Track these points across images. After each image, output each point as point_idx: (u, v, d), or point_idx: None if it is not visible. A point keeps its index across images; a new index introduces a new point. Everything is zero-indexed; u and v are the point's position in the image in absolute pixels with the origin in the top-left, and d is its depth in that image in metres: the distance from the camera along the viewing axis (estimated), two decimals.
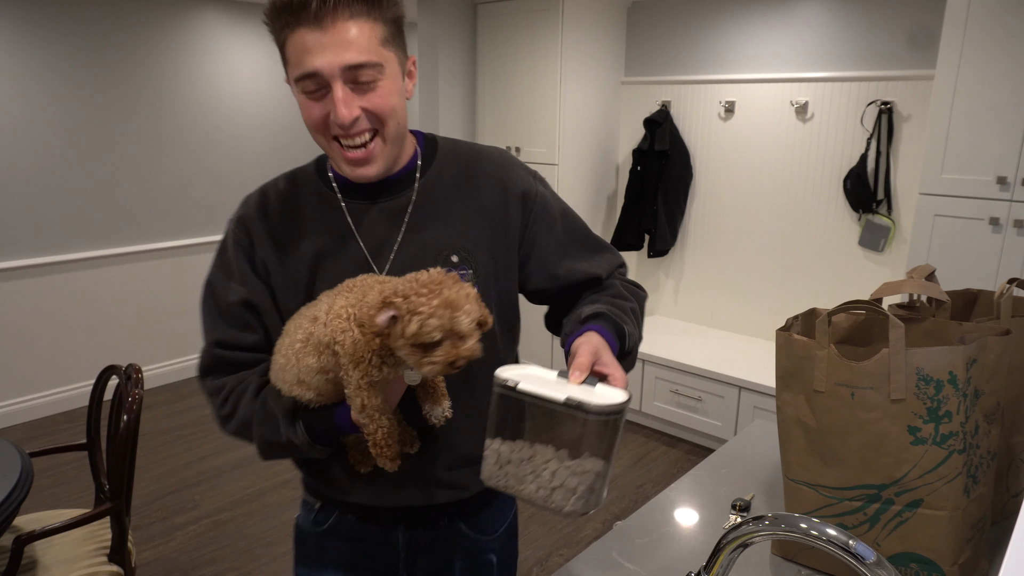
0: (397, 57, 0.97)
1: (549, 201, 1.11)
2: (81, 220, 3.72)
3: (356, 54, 0.90)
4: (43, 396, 3.72)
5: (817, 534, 0.70)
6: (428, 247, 1.03)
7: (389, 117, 0.96)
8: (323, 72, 0.91)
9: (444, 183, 1.06)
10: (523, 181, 1.09)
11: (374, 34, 0.92)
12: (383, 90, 0.94)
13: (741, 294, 3.75)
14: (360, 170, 0.98)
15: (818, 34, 3.26)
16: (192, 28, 4.01)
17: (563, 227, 1.12)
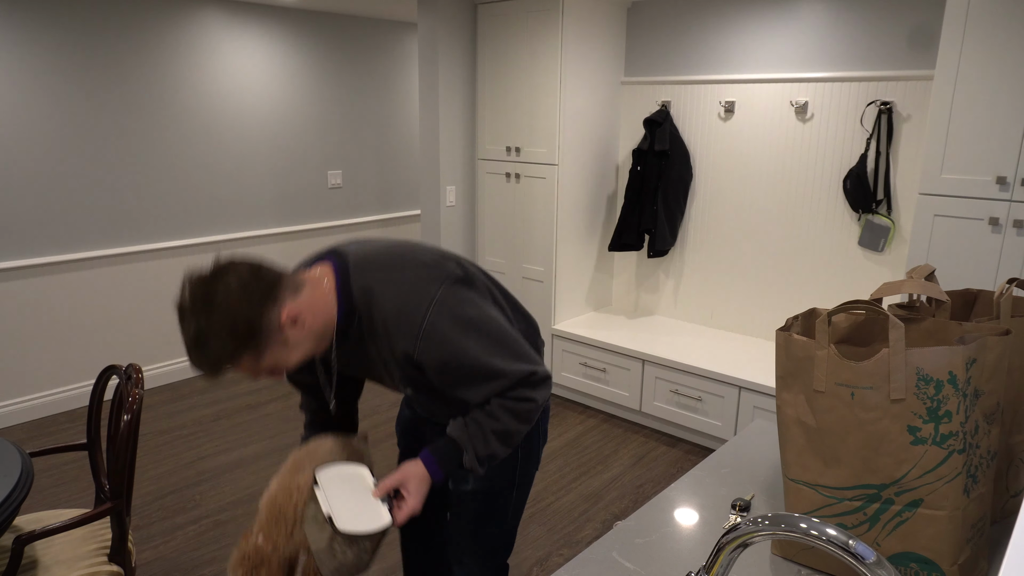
0: (272, 348, 1.24)
1: (428, 355, 1.33)
2: (81, 220, 3.72)
3: (248, 374, 1.26)
4: (43, 396, 3.72)
5: (817, 534, 0.70)
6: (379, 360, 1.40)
7: (296, 366, 1.31)
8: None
9: (360, 341, 1.39)
10: (405, 343, 1.33)
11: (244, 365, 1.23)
12: (281, 363, 1.27)
13: (741, 294, 3.75)
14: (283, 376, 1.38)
15: (818, 34, 3.26)
16: (192, 28, 4.01)
17: (442, 373, 1.35)
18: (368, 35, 4.90)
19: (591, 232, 4.04)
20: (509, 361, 1.35)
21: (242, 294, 1.17)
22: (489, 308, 1.38)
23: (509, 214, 3.99)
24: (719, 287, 3.83)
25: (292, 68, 4.52)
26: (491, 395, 1.36)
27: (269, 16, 4.35)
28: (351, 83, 4.87)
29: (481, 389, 1.35)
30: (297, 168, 4.66)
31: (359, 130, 4.99)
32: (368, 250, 1.38)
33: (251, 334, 1.18)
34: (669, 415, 3.54)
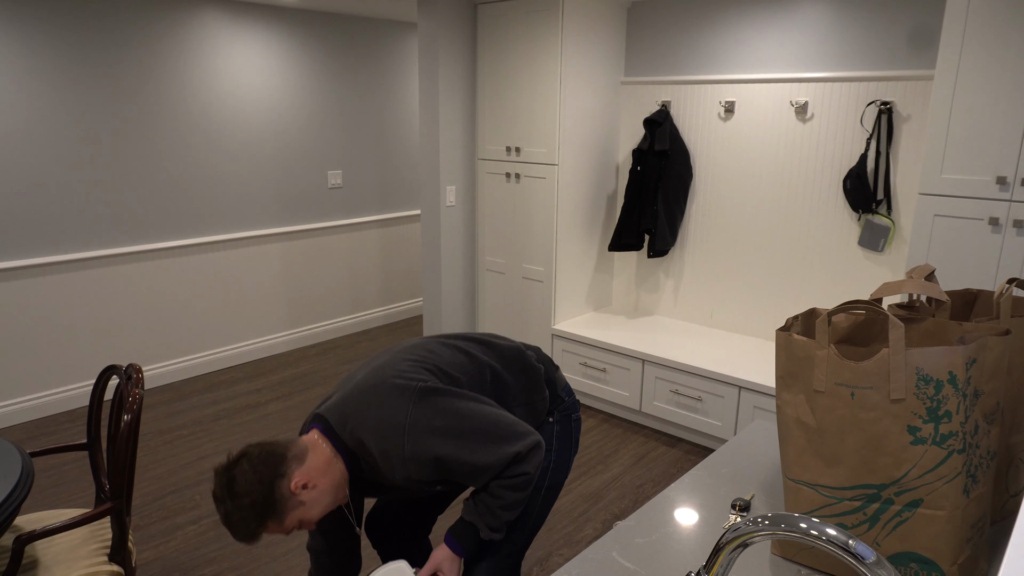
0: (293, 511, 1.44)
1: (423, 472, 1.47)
2: (81, 220, 3.72)
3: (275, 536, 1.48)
4: (43, 396, 3.72)
5: (817, 534, 0.70)
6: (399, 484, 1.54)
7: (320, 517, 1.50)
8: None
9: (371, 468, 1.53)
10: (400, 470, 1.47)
11: (273, 529, 1.43)
12: (306, 520, 1.46)
13: (741, 294, 3.75)
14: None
15: (818, 34, 3.26)
16: (192, 28, 4.01)
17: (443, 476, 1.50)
18: (368, 35, 4.90)
19: (591, 232, 4.05)
20: (492, 451, 1.46)
21: (254, 476, 1.40)
22: (465, 404, 1.49)
23: (509, 214, 3.99)
24: (719, 287, 3.83)
25: (292, 68, 4.52)
26: (489, 480, 1.49)
27: (269, 16, 4.35)
28: (351, 83, 4.87)
29: (477, 480, 1.49)
30: (297, 168, 4.67)
31: (359, 130, 4.99)
32: (343, 398, 1.53)
33: (268, 507, 1.40)
34: (669, 415, 3.54)
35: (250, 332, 4.59)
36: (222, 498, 1.40)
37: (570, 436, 1.70)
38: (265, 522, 1.41)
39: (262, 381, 4.27)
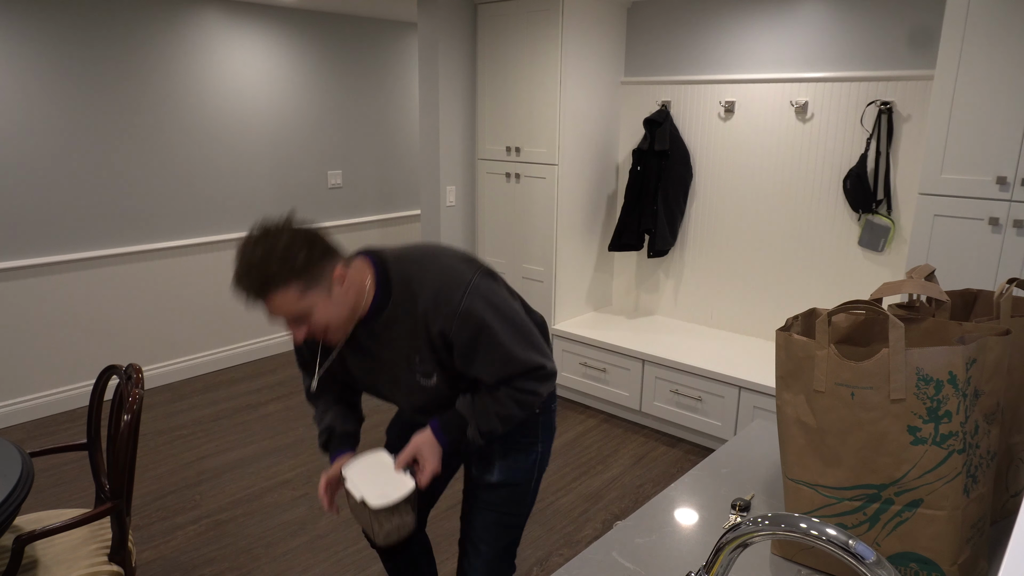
0: (316, 292, 1.36)
1: (462, 332, 1.45)
2: (81, 220, 3.72)
3: (283, 314, 1.35)
4: (43, 396, 3.72)
5: (817, 534, 0.70)
6: (395, 354, 1.51)
7: (324, 328, 1.40)
8: (275, 320, 1.39)
9: (391, 323, 1.49)
10: (440, 321, 1.45)
11: (288, 296, 1.33)
12: (316, 317, 1.38)
13: (741, 294, 3.75)
14: (327, 343, 1.48)
15: (818, 34, 3.26)
16: (192, 28, 4.01)
17: (470, 348, 1.47)
18: (368, 35, 4.90)
19: (591, 232, 4.04)
20: (526, 350, 1.49)
21: (307, 237, 1.34)
22: (512, 301, 1.54)
23: (509, 214, 3.99)
24: (719, 287, 3.83)
25: (292, 68, 4.52)
26: (504, 378, 1.49)
27: (269, 16, 4.35)
28: (351, 83, 4.87)
29: (497, 371, 1.48)
30: (297, 168, 4.67)
31: (359, 130, 4.99)
32: (401, 248, 1.55)
33: (305, 268, 1.32)
34: (669, 415, 3.54)
35: (250, 332, 4.59)
36: (261, 239, 1.31)
37: (553, 426, 1.74)
38: (291, 280, 1.31)
39: (262, 381, 4.27)
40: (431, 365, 1.51)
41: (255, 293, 1.31)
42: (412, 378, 1.53)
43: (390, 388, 1.59)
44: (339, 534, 2.75)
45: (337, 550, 2.64)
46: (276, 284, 1.31)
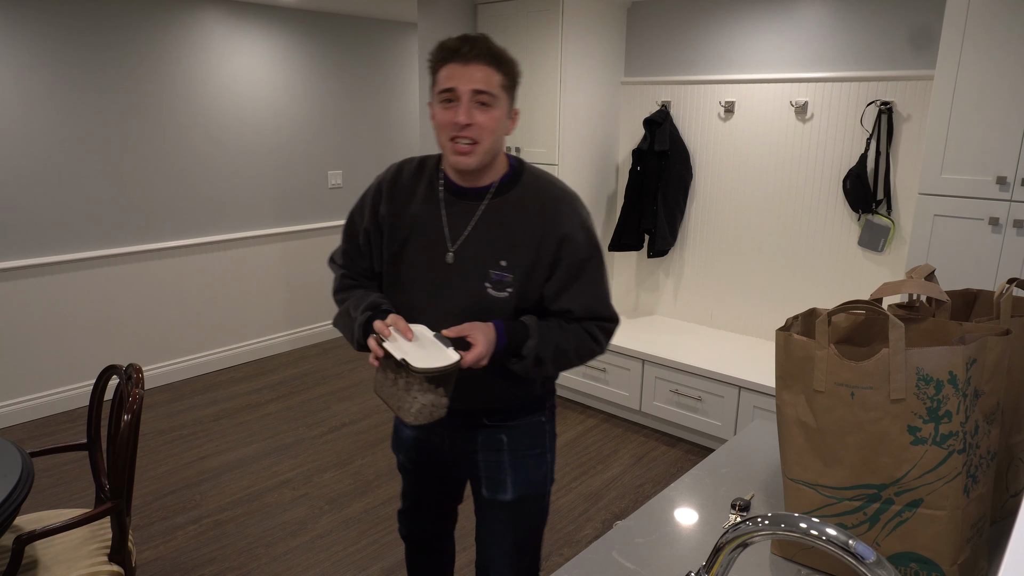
0: (506, 101, 1.40)
1: (579, 249, 1.43)
2: (81, 220, 3.72)
3: (481, 84, 1.35)
4: (43, 396, 3.72)
5: (817, 534, 0.70)
6: (486, 247, 1.43)
7: (487, 134, 1.37)
8: (458, 88, 1.35)
9: (511, 207, 1.44)
10: (568, 227, 1.42)
11: (493, 78, 1.36)
12: (491, 115, 1.37)
13: (741, 294, 3.75)
14: (462, 159, 1.38)
15: (818, 34, 3.26)
16: (193, 28, 4.01)
17: (577, 271, 1.44)
18: (368, 35, 4.90)
19: None
20: (607, 294, 1.51)
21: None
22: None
23: None
24: (719, 287, 3.83)
25: (292, 68, 4.52)
26: (587, 315, 1.46)
27: (269, 16, 4.35)
28: (351, 83, 4.87)
29: (586, 304, 1.46)
30: (297, 168, 4.66)
31: (359, 130, 4.99)
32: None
33: (517, 79, 1.42)
34: (669, 415, 3.54)
35: (250, 332, 4.59)
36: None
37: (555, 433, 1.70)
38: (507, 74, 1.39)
39: (262, 381, 4.27)
40: (519, 274, 1.42)
41: (482, 51, 1.35)
42: (481, 285, 1.43)
43: (437, 292, 1.45)
44: (339, 534, 2.75)
45: (337, 550, 2.64)
46: (499, 61, 1.37)
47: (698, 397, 3.40)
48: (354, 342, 1.48)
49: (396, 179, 1.51)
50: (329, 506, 2.94)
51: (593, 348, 1.49)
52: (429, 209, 1.47)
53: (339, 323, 1.55)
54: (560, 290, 1.44)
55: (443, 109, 1.37)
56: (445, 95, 1.36)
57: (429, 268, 1.46)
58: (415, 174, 1.51)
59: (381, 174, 1.55)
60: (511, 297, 1.43)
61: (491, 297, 1.43)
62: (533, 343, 1.41)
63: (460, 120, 1.34)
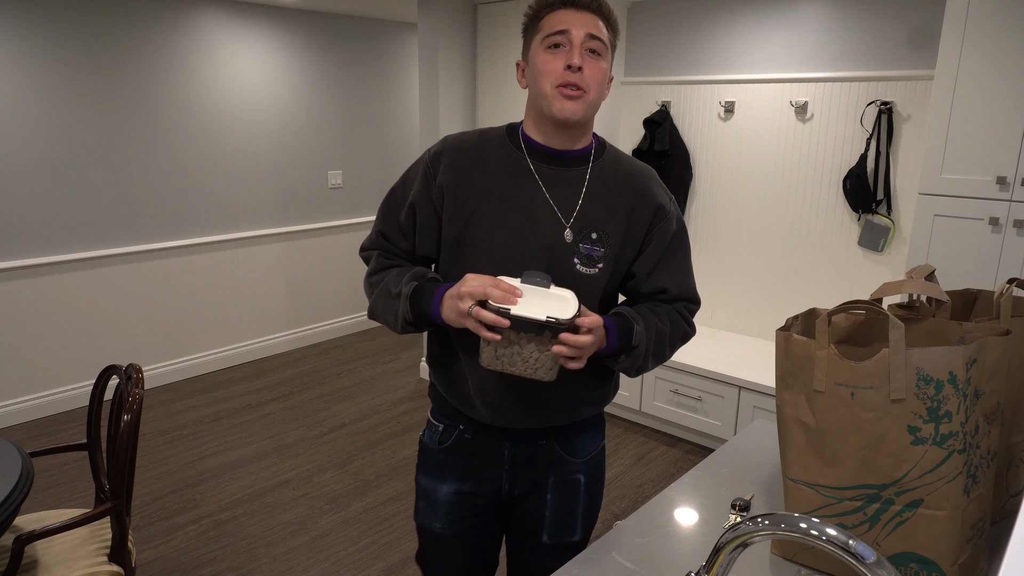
0: (611, 56, 1.27)
1: (672, 222, 1.32)
2: (81, 220, 3.72)
3: (595, 30, 1.22)
4: (43, 396, 3.72)
5: (817, 534, 0.70)
6: (582, 220, 1.27)
7: (595, 87, 1.23)
8: (571, 31, 1.21)
9: (606, 176, 1.30)
10: (661, 198, 1.32)
11: (604, 29, 1.24)
12: (600, 65, 1.24)
13: (741, 294, 3.75)
14: (570, 104, 1.22)
15: (818, 34, 3.26)
16: (193, 28, 4.01)
17: (671, 247, 1.33)
18: (368, 35, 4.90)
19: None
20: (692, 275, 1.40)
21: None
22: None
23: None
24: (719, 287, 3.83)
25: (292, 68, 4.52)
26: (680, 293, 1.34)
27: (269, 16, 4.35)
28: (351, 83, 4.86)
29: (681, 281, 1.33)
30: (297, 168, 4.66)
31: (359, 130, 4.99)
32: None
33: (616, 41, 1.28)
34: (669, 415, 3.54)
35: (250, 332, 4.59)
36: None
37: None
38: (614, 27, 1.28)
39: (262, 381, 4.27)
40: (611, 248, 1.26)
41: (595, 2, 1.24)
42: (569, 261, 1.25)
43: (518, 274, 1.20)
44: (339, 534, 2.75)
45: (337, 550, 2.64)
46: (608, 15, 1.26)
47: (698, 397, 3.40)
48: (398, 322, 1.26)
49: (457, 147, 1.31)
50: (329, 506, 2.94)
51: (687, 331, 1.35)
52: (514, 178, 1.27)
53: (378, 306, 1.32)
54: (654, 266, 1.31)
55: (550, 55, 1.22)
56: (554, 39, 1.21)
57: (518, 247, 1.24)
58: (479, 142, 1.32)
59: (432, 149, 1.33)
60: (602, 274, 1.27)
61: (580, 275, 1.25)
62: (641, 329, 1.24)
63: (574, 61, 1.19)
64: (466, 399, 1.35)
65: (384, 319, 1.31)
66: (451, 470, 1.41)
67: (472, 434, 1.38)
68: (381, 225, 1.37)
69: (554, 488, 1.39)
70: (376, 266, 1.36)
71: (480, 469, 1.39)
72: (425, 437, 1.46)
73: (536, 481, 1.39)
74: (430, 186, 1.29)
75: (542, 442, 1.37)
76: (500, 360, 1.17)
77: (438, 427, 1.43)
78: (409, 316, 1.24)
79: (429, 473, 1.44)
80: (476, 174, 1.28)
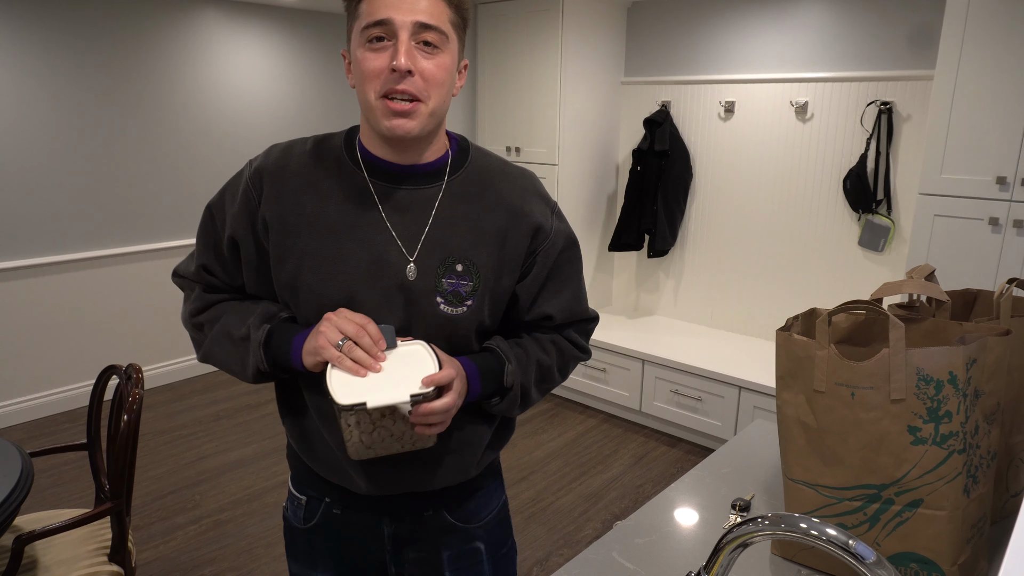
0: (457, 45, 1.02)
1: (557, 242, 1.13)
2: (81, 220, 3.72)
3: (427, 16, 0.95)
4: (43, 396, 3.72)
5: (817, 534, 0.70)
6: (443, 246, 1.05)
7: (435, 88, 0.98)
8: (394, 21, 0.94)
9: (467, 191, 1.07)
10: (540, 214, 1.11)
11: (444, 12, 0.97)
12: (440, 61, 0.98)
13: (741, 294, 3.75)
14: (400, 121, 0.97)
15: (818, 34, 3.26)
16: (192, 28, 4.01)
17: (554, 270, 1.13)
18: None
19: (591, 232, 4.04)
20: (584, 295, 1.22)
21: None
22: None
23: None
24: (719, 287, 3.83)
25: (292, 68, 4.52)
26: (568, 318, 1.16)
27: (269, 16, 4.35)
28: None
29: (567, 306, 1.15)
30: None
31: None
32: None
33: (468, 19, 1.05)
34: (669, 415, 3.54)
35: None
36: None
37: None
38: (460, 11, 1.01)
39: None
40: (483, 281, 1.06)
41: None
42: (431, 301, 1.04)
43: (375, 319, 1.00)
44: None
45: None
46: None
47: (698, 397, 3.40)
48: (248, 371, 1.05)
49: (282, 166, 1.05)
50: None
51: (578, 355, 1.21)
52: (353, 205, 1.03)
53: (215, 352, 1.09)
54: (537, 293, 1.13)
55: (371, 53, 0.96)
56: (373, 31, 0.95)
57: (365, 288, 1.03)
58: (312, 158, 1.06)
59: (255, 162, 1.08)
60: (472, 312, 1.06)
61: (444, 316, 1.05)
62: (514, 368, 1.09)
63: (400, 64, 0.93)
64: (334, 465, 1.11)
65: (225, 366, 1.09)
66: (323, 555, 1.18)
67: (341, 509, 1.16)
68: (202, 258, 1.11)
69: (451, 564, 1.18)
70: (201, 304, 1.12)
71: (357, 551, 1.18)
72: (288, 512, 1.23)
73: (427, 561, 1.18)
74: (252, 216, 1.05)
75: (427, 513, 1.16)
76: (372, 448, 1.02)
77: (301, 500, 1.19)
78: (263, 366, 1.03)
79: (298, 558, 1.22)
80: (308, 201, 1.03)
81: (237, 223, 1.06)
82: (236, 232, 1.06)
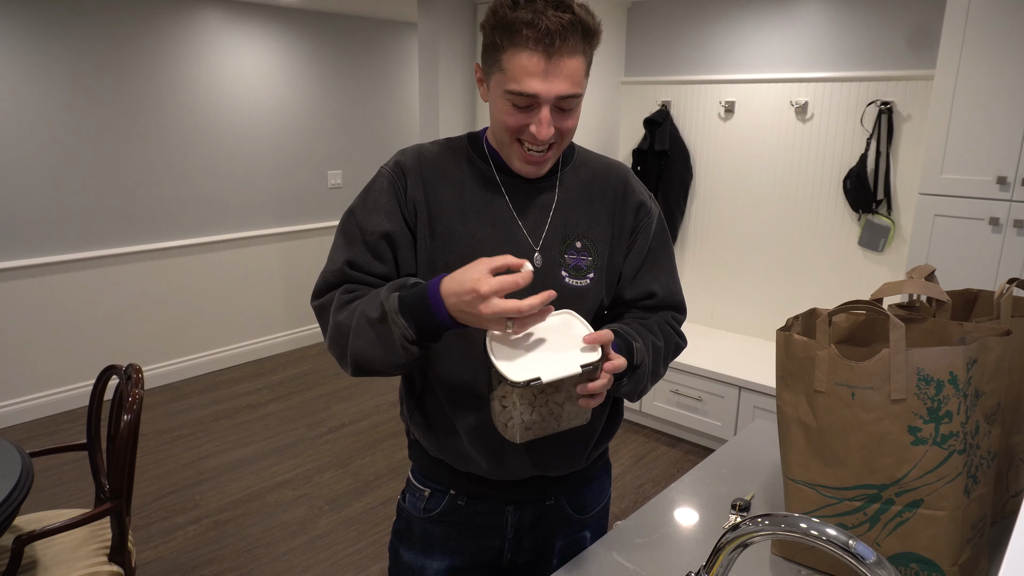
0: (587, 79, 1.08)
1: (654, 219, 1.22)
2: (81, 220, 3.72)
3: (569, 87, 1.02)
4: (43, 396, 3.72)
5: (817, 534, 0.70)
6: (563, 228, 1.14)
7: (567, 136, 1.09)
8: (540, 96, 1.01)
9: (580, 180, 1.18)
10: (641, 194, 1.22)
11: (582, 68, 1.04)
12: (574, 114, 1.07)
13: (741, 294, 3.75)
14: (532, 168, 1.10)
15: (818, 34, 3.26)
16: (192, 28, 4.01)
17: (655, 246, 1.22)
18: (368, 35, 4.90)
19: None
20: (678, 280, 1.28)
21: None
22: None
23: None
24: (719, 287, 3.82)
25: (292, 68, 4.52)
26: (668, 297, 1.21)
27: (269, 16, 4.35)
28: (351, 83, 4.86)
29: (670, 284, 1.22)
30: (297, 168, 4.66)
31: (359, 130, 4.99)
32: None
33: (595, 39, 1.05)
34: (669, 415, 3.54)
35: (250, 332, 4.59)
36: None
37: None
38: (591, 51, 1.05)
39: (262, 381, 4.27)
40: (599, 254, 1.15)
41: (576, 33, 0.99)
42: (556, 273, 1.12)
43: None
44: (339, 534, 2.75)
45: (337, 550, 2.64)
46: (592, 36, 1.02)
47: (698, 397, 3.40)
48: (396, 348, 1.00)
49: (421, 160, 1.14)
50: (329, 506, 2.94)
51: (679, 344, 1.24)
52: (484, 194, 1.13)
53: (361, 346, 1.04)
54: (639, 267, 1.19)
55: (513, 109, 1.03)
56: (518, 100, 1.01)
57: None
58: (443, 154, 1.15)
59: (390, 162, 1.16)
60: (594, 285, 1.14)
61: (571, 288, 1.12)
62: (641, 346, 1.10)
63: (543, 138, 1.03)
64: (459, 452, 1.16)
65: (372, 356, 1.03)
66: (441, 543, 1.22)
67: (466, 500, 1.21)
68: (347, 254, 1.12)
69: (561, 553, 1.26)
70: (339, 304, 1.08)
71: (477, 540, 1.22)
72: (406, 503, 1.26)
73: (542, 547, 1.25)
74: (401, 202, 1.12)
75: (549, 502, 1.23)
76: (531, 429, 1.02)
77: (423, 492, 1.24)
78: (409, 333, 0.98)
79: (413, 547, 1.24)
80: (446, 187, 1.12)
81: (389, 210, 1.12)
82: (389, 217, 1.11)
